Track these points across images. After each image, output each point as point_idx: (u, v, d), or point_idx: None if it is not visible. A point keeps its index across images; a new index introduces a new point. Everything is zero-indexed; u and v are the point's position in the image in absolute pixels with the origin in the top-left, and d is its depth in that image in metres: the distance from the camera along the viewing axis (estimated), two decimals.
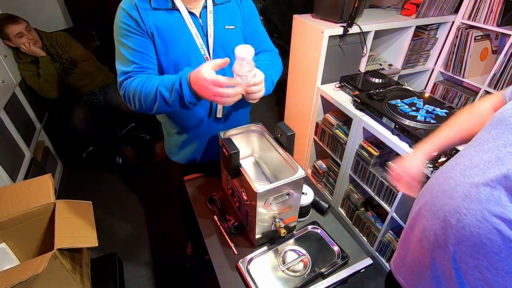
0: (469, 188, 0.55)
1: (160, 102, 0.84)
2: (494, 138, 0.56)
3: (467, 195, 0.55)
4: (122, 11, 0.86)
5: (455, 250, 0.58)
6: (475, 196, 0.54)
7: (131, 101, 0.88)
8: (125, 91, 0.88)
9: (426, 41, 1.99)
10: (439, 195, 0.63)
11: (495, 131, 0.56)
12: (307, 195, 0.97)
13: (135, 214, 2.01)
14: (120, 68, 0.89)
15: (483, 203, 0.52)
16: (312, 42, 1.70)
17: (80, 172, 2.36)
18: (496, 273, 0.52)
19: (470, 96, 1.87)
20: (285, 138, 0.90)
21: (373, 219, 1.72)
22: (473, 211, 0.53)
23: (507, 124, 0.54)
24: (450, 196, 0.59)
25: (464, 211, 0.55)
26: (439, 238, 0.61)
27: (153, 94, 0.83)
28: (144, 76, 0.87)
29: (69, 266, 0.90)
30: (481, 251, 0.53)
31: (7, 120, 1.73)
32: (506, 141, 0.53)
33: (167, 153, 1.22)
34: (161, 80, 0.84)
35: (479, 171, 0.55)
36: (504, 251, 0.50)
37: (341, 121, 1.77)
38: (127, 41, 0.86)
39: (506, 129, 0.54)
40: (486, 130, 0.59)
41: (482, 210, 0.52)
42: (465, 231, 0.55)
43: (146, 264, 1.70)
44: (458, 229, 0.56)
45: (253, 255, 0.87)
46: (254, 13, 1.03)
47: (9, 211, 0.95)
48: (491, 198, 0.51)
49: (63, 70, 2.06)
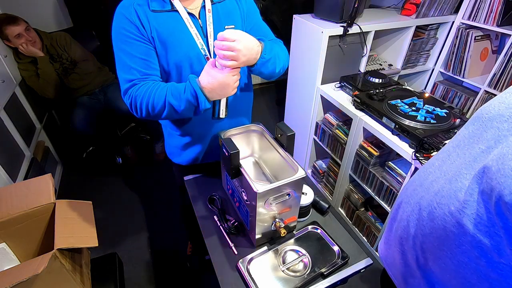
0: (443, 184, 0.57)
1: (169, 111, 0.86)
2: (470, 134, 0.57)
3: (440, 190, 0.57)
4: (121, 16, 0.85)
5: (424, 241, 0.61)
6: (446, 191, 0.55)
7: (137, 109, 0.88)
8: (131, 100, 0.88)
9: (426, 41, 1.99)
10: (417, 189, 0.65)
11: (472, 127, 0.58)
12: (307, 195, 0.97)
13: (135, 214, 2.01)
14: (123, 75, 0.88)
15: (451, 198, 0.54)
16: (312, 42, 1.70)
17: (80, 172, 2.36)
18: (457, 264, 0.54)
19: (470, 96, 1.87)
20: (285, 138, 0.90)
21: (373, 219, 1.72)
22: (442, 205, 0.55)
23: (482, 120, 0.55)
24: (426, 190, 0.62)
25: (435, 205, 0.57)
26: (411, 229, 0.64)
27: (162, 103, 0.85)
28: (149, 83, 0.87)
29: (69, 266, 0.90)
30: (445, 243, 0.55)
31: (7, 120, 1.73)
32: (480, 138, 0.54)
33: (168, 155, 1.22)
34: (170, 89, 0.85)
35: (454, 167, 0.57)
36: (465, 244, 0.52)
37: (341, 121, 1.77)
38: (128, 48, 0.85)
39: (481, 126, 0.55)
40: (466, 126, 0.61)
41: (449, 205, 0.54)
42: (434, 223, 0.57)
43: (146, 264, 1.71)
44: (428, 221, 0.59)
45: (253, 255, 0.87)
46: (253, 8, 1.02)
47: (9, 211, 0.95)
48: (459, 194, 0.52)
49: (63, 70, 2.06)
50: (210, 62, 0.84)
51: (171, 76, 0.94)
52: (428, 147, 1.20)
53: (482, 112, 0.57)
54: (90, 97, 2.21)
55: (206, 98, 0.83)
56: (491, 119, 0.53)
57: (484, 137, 0.53)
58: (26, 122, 1.98)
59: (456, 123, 1.30)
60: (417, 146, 1.23)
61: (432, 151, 1.19)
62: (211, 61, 0.83)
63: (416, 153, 1.24)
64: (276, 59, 0.93)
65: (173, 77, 0.94)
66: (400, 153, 1.33)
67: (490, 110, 0.55)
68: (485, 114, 0.55)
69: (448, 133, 1.23)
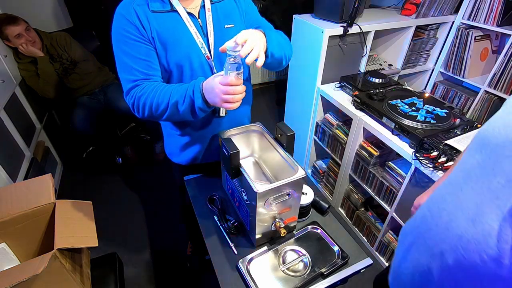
0: (466, 226, 0.50)
1: (172, 111, 0.85)
2: (480, 165, 0.51)
3: (464, 234, 0.50)
4: (121, 17, 0.84)
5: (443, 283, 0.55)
6: (471, 236, 0.49)
7: (139, 109, 0.88)
8: (134, 100, 0.87)
9: (426, 41, 1.99)
10: (433, 229, 0.58)
11: (479, 156, 0.51)
12: (307, 195, 0.97)
13: (135, 214, 2.01)
14: (124, 76, 0.88)
15: (481, 245, 0.47)
16: (312, 42, 1.70)
17: (80, 172, 2.36)
18: None
19: (470, 96, 1.87)
20: (285, 138, 0.90)
21: (373, 219, 1.72)
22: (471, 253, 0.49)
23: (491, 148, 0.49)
24: (445, 232, 0.54)
25: (462, 252, 0.50)
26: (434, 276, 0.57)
27: (166, 103, 0.84)
28: (152, 84, 0.87)
29: (69, 266, 0.90)
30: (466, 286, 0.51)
31: (7, 120, 1.73)
32: (494, 170, 0.48)
33: (167, 154, 1.22)
34: (174, 89, 0.85)
35: (472, 205, 0.50)
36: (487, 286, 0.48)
37: (341, 121, 1.77)
38: (128, 49, 0.85)
39: (492, 155, 0.49)
40: (471, 153, 0.54)
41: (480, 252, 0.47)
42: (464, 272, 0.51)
43: (146, 264, 1.71)
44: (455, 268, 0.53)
45: (253, 255, 0.87)
46: (251, 6, 1.03)
47: (9, 211, 0.95)
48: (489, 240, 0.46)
49: (63, 70, 2.06)
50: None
51: (172, 76, 0.94)
52: (428, 147, 1.20)
53: (487, 136, 0.51)
54: (90, 97, 2.20)
55: (201, 96, 0.81)
56: (501, 146, 0.48)
57: (500, 169, 0.47)
58: (26, 122, 1.98)
59: (456, 123, 1.30)
60: (417, 146, 1.23)
61: (432, 151, 1.19)
62: None
63: (416, 153, 1.24)
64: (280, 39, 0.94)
65: (174, 77, 0.94)
66: (400, 153, 1.33)
67: (495, 135, 0.49)
68: (492, 140, 0.49)
69: (448, 133, 1.23)
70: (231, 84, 0.75)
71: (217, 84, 0.76)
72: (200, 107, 0.82)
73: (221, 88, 0.75)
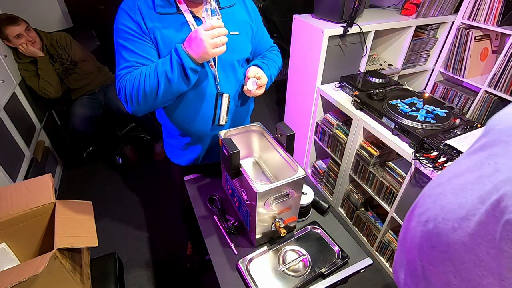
0: (450, 198, 0.55)
1: (164, 84, 0.82)
2: (481, 147, 0.55)
3: (446, 204, 0.55)
4: (123, 13, 0.84)
5: (429, 253, 0.59)
6: (451, 206, 0.54)
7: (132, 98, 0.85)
8: (123, 90, 0.85)
9: (426, 41, 1.99)
10: (426, 200, 0.63)
11: (484, 139, 0.55)
12: (307, 195, 0.97)
13: (135, 214, 2.01)
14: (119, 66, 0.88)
15: (455, 214, 0.52)
16: (312, 42, 1.70)
17: (80, 172, 2.36)
18: (460, 280, 0.53)
19: (470, 96, 1.87)
20: (285, 138, 0.90)
21: (373, 219, 1.72)
22: (447, 222, 0.54)
23: (493, 134, 0.53)
24: (433, 202, 0.60)
25: (440, 219, 0.55)
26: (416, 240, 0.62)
27: (155, 78, 0.81)
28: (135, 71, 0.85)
29: (69, 266, 0.90)
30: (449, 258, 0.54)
31: (7, 120, 1.73)
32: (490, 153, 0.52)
33: (168, 155, 1.22)
34: (157, 63, 0.83)
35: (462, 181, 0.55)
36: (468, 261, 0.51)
37: (341, 121, 1.77)
38: (128, 44, 0.85)
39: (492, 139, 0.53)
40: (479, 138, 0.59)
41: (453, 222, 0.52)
42: (439, 238, 0.56)
43: (146, 264, 1.70)
44: (434, 235, 0.57)
45: (253, 255, 0.87)
46: (258, 14, 1.04)
47: (9, 211, 0.95)
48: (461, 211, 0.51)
49: (63, 70, 2.06)
50: None
51: None
52: (428, 147, 1.20)
53: (493, 123, 0.55)
54: (90, 97, 2.21)
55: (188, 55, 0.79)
56: (500, 132, 0.51)
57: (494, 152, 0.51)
58: (26, 122, 1.98)
59: (456, 123, 1.30)
60: (417, 146, 1.23)
61: (432, 151, 1.19)
62: None
63: (416, 153, 1.24)
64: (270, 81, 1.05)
65: None
66: (400, 153, 1.33)
67: (500, 121, 0.53)
68: (496, 126, 0.53)
69: (448, 133, 1.23)
70: (215, 27, 0.77)
71: (202, 32, 0.77)
72: (191, 67, 0.80)
73: (207, 33, 0.77)
